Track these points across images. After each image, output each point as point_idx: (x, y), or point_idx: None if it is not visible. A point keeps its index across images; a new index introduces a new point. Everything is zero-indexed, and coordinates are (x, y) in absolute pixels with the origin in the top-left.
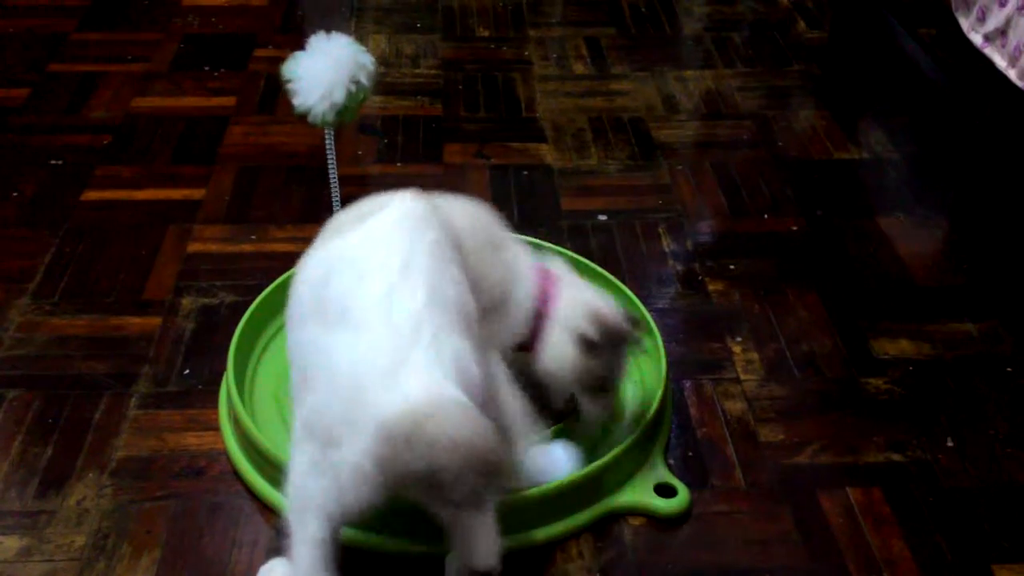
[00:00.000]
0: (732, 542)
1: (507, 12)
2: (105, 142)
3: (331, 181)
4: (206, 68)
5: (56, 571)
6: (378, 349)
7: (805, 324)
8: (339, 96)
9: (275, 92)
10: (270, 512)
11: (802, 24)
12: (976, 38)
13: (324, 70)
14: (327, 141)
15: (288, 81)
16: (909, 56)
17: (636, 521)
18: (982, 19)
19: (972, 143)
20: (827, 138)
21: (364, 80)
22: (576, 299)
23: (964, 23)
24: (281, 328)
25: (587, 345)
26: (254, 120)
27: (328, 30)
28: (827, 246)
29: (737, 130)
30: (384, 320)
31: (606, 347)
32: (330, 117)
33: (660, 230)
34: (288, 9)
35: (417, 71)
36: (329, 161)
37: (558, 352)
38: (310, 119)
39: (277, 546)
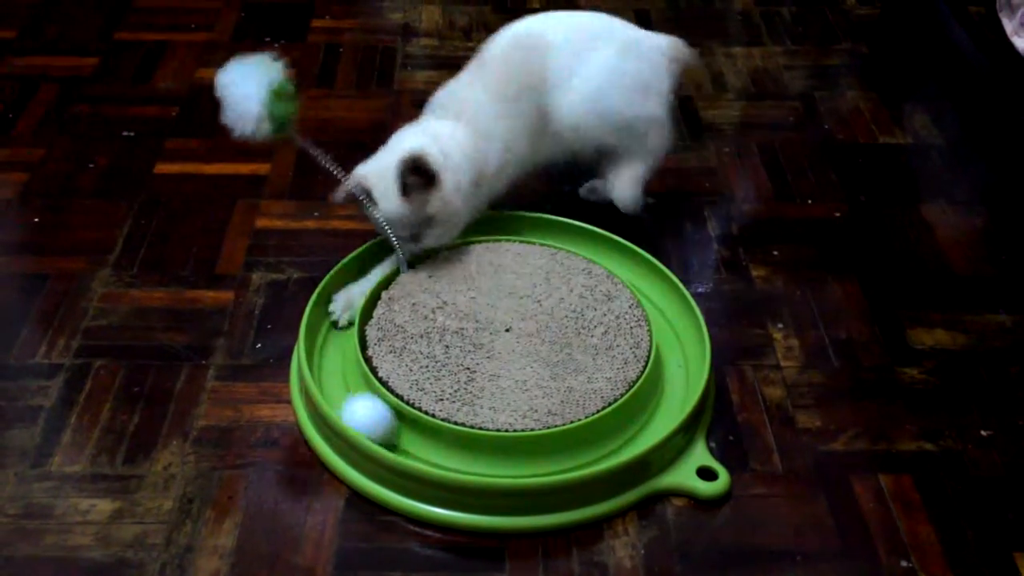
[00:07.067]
0: (768, 524)
1: None
2: (173, 114)
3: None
4: (266, 39)
5: (147, 533)
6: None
7: (845, 312)
8: (259, 110)
9: (333, 65)
10: (340, 482)
11: None
12: (1019, 42)
13: (240, 91)
14: (314, 151)
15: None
16: (954, 40)
17: (679, 502)
18: None
19: (1014, 132)
20: (873, 121)
21: (279, 86)
22: None
23: (1008, 26)
24: None
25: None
26: (313, 94)
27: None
28: (869, 233)
29: (784, 111)
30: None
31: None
32: (268, 130)
33: (706, 213)
34: None
35: (470, 44)
36: (327, 165)
37: None
38: (255, 139)
39: (348, 516)
